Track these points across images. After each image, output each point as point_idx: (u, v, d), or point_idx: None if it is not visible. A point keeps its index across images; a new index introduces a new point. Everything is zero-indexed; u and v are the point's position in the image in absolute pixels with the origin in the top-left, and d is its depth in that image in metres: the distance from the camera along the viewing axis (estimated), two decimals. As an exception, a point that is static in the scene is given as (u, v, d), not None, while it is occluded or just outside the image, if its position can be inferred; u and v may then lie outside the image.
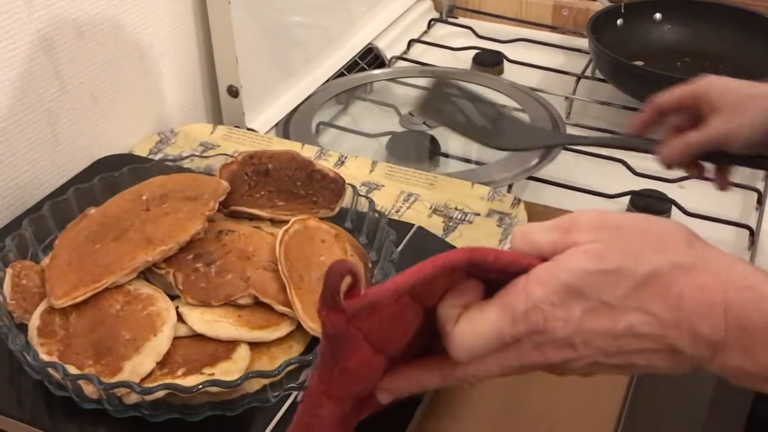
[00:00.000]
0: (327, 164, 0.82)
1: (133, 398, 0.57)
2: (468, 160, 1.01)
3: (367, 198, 0.75)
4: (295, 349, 0.63)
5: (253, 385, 0.59)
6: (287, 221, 0.69)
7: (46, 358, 0.59)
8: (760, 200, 0.97)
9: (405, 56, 1.30)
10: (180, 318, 0.62)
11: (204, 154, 0.89)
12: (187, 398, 0.57)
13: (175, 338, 0.61)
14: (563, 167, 1.00)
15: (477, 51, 1.30)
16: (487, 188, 0.88)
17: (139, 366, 0.59)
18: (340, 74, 1.19)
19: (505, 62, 1.28)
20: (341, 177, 0.76)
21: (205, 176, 0.75)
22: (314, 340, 0.63)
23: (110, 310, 0.63)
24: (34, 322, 0.62)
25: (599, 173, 1.01)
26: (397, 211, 0.85)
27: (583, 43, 1.28)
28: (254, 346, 0.62)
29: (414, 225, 0.78)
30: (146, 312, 0.62)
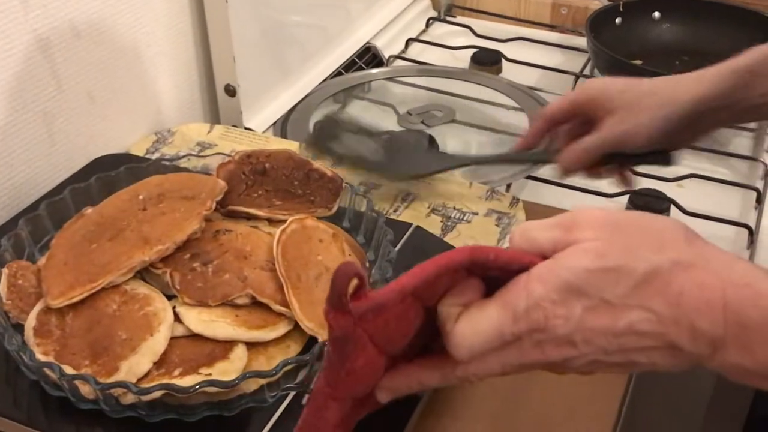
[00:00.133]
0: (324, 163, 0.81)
1: (129, 398, 0.57)
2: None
3: (365, 197, 0.74)
4: (292, 349, 0.63)
5: (251, 385, 0.59)
6: (284, 221, 0.69)
7: (42, 358, 0.59)
8: (759, 199, 0.97)
9: (403, 55, 1.30)
10: (177, 318, 0.62)
11: (201, 154, 0.89)
12: (184, 398, 0.57)
13: (171, 338, 0.61)
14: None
15: (475, 50, 1.30)
16: (485, 187, 0.88)
17: (136, 366, 0.59)
18: (337, 73, 1.19)
19: (504, 61, 1.28)
20: (339, 176, 0.76)
21: (202, 176, 0.75)
22: (312, 340, 0.63)
23: (107, 310, 0.62)
24: (31, 322, 0.62)
25: (598, 172, 1.01)
26: (395, 211, 0.85)
27: (582, 42, 1.27)
28: (251, 346, 0.62)
29: (412, 224, 0.78)
30: (143, 312, 0.62)
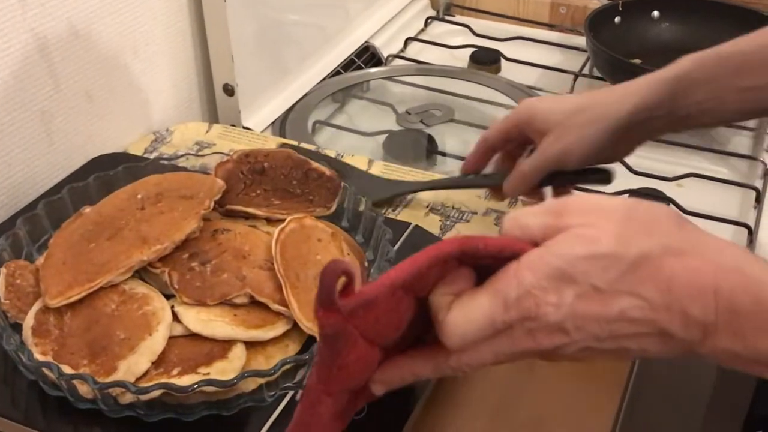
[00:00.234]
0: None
1: (128, 398, 0.57)
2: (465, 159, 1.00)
3: (364, 196, 0.74)
4: (291, 348, 0.62)
5: (249, 384, 0.58)
6: (283, 220, 0.69)
7: (40, 357, 0.59)
8: (759, 198, 0.97)
9: (402, 54, 1.30)
10: (175, 317, 0.62)
11: (199, 153, 0.88)
12: (183, 398, 0.57)
13: (170, 338, 0.61)
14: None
15: (474, 49, 1.30)
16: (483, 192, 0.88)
17: (134, 365, 0.58)
18: (336, 72, 1.19)
19: (503, 60, 1.27)
20: (337, 175, 0.75)
21: (201, 175, 0.75)
22: (310, 339, 0.63)
23: (105, 310, 0.62)
24: (29, 321, 0.62)
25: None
26: (393, 210, 0.85)
27: (581, 41, 1.27)
28: (250, 345, 0.61)
29: (411, 224, 0.78)
30: (141, 311, 0.62)
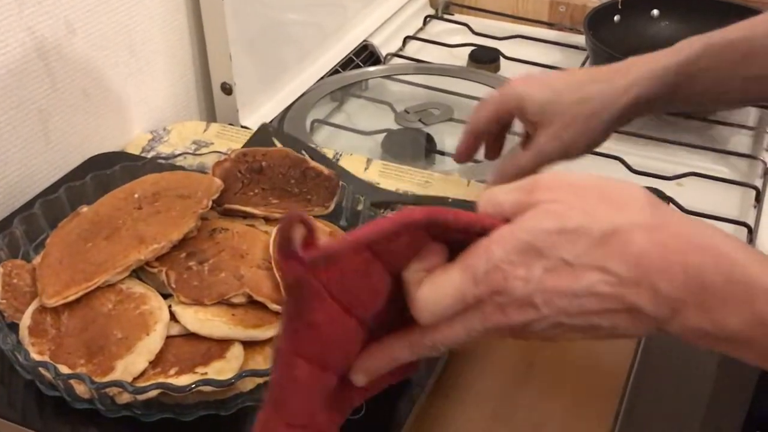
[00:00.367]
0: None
1: (125, 398, 0.57)
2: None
3: (362, 196, 0.74)
4: (289, 348, 0.62)
5: (247, 384, 0.58)
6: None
7: (37, 357, 0.59)
8: (758, 198, 0.97)
9: (400, 53, 1.29)
10: (173, 317, 0.62)
11: (197, 152, 0.88)
12: (180, 398, 0.57)
13: (167, 337, 0.61)
14: (560, 165, 0.99)
15: (473, 48, 1.29)
16: (483, 186, 0.88)
17: (132, 365, 0.58)
18: (334, 71, 1.19)
19: (502, 59, 1.27)
20: (335, 175, 0.75)
21: (198, 174, 0.75)
22: (309, 339, 0.62)
23: (102, 309, 0.62)
24: (26, 321, 0.62)
25: (596, 170, 1.00)
26: (393, 210, 0.84)
27: (580, 39, 1.27)
28: (248, 345, 0.61)
29: (409, 223, 0.78)
30: (139, 311, 0.62)
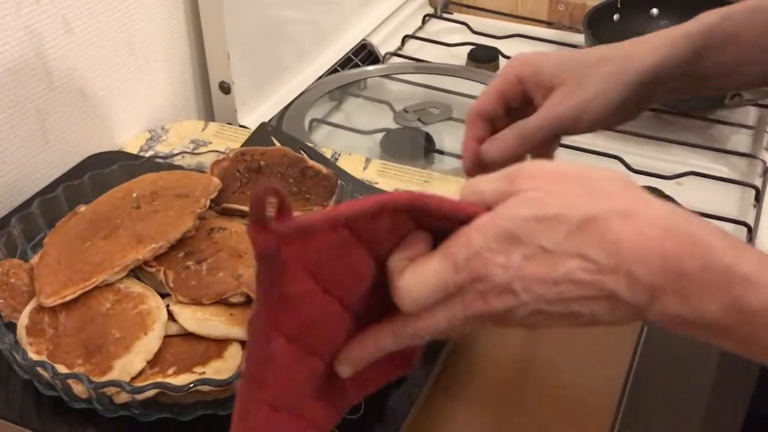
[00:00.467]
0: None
1: (123, 398, 0.57)
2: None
3: (360, 196, 0.74)
4: (287, 348, 0.62)
5: (245, 384, 0.58)
6: (279, 218, 0.68)
7: (35, 357, 0.59)
8: (758, 197, 0.97)
9: (399, 52, 1.29)
10: (171, 316, 0.62)
11: (195, 151, 0.88)
12: (178, 397, 0.57)
13: (165, 337, 0.61)
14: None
15: (472, 47, 1.29)
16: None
17: (129, 365, 0.58)
18: (333, 70, 1.18)
19: (501, 58, 1.27)
20: (334, 173, 0.75)
21: (197, 173, 0.75)
22: (307, 339, 0.62)
23: (100, 309, 0.62)
24: (23, 320, 0.62)
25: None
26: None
27: (580, 38, 1.27)
28: (246, 344, 0.61)
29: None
30: (137, 310, 0.62)
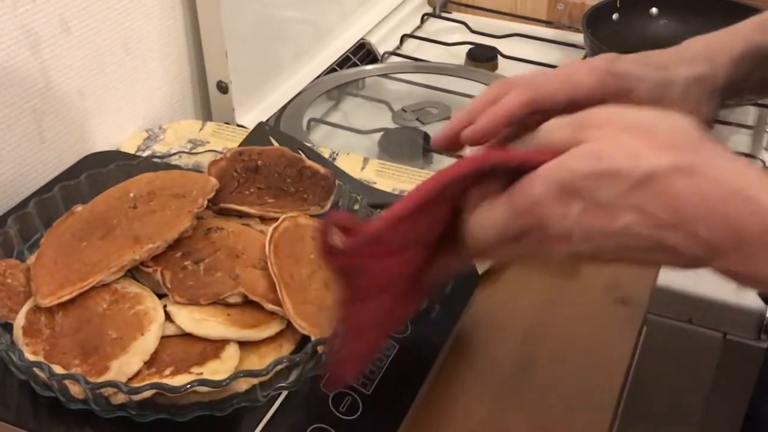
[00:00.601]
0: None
1: (120, 398, 0.57)
2: (462, 157, 1.00)
3: (358, 195, 0.74)
4: (285, 348, 0.62)
5: (242, 384, 0.58)
6: (277, 218, 0.68)
7: (31, 357, 0.58)
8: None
9: (398, 52, 1.29)
10: (168, 317, 0.62)
11: (193, 151, 0.88)
12: (175, 398, 0.57)
13: (162, 337, 0.60)
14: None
15: (471, 46, 1.29)
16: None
17: (126, 365, 0.58)
18: (331, 70, 1.18)
19: (500, 57, 1.27)
20: (332, 173, 0.75)
21: (194, 173, 0.74)
22: (304, 339, 0.62)
23: (97, 309, 0.62)
24: (20, 321, 0.61)
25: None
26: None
27: (579, 38, 1.27)
28: (243, 345, 0.61)
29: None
30: (133, 311, 0.61)
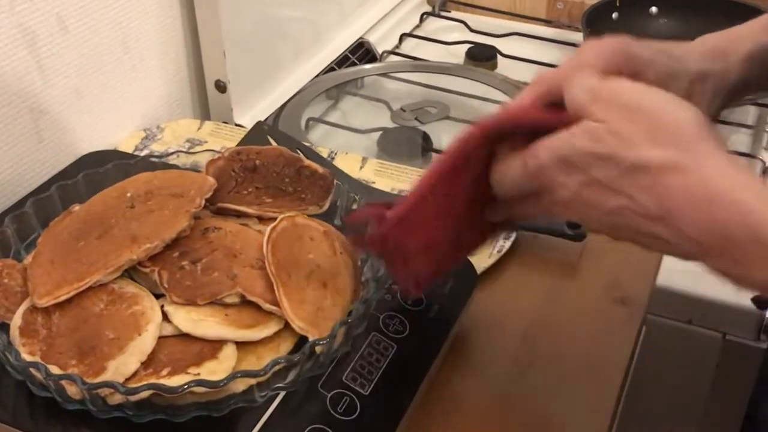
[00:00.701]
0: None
1: (117, 399, 0.56)
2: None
3: (357, 195, 0.74)
4: (282, 349, 0.62)
5: (240, 385, 0.58)
6: (275, 218, 0.68)
7: (28, 357, 0.58)
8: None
9: (397, 51, 1.29)
10: (165, 317, 0.61)
11: (191, 150, 0.88)
12: (173, 398, 0.57)
13: (160, 337, 0.60)
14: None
15: (470, 45, 1.29)
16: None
17: (123, 366, 0.58)
18: (330, 69, 1.18)
19: (499, 57, 1.27)
20: (330, 173, 0.75)
21: (192, 173, 0.74)
22: (302, 339, 0.62)
23: (94, 309, 0.62)
24: (16, 321, 0.61)
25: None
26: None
27: (578, 37, 1.27)
28: (241, 345, 0.61)
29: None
30: (131, 311, 0.61)
